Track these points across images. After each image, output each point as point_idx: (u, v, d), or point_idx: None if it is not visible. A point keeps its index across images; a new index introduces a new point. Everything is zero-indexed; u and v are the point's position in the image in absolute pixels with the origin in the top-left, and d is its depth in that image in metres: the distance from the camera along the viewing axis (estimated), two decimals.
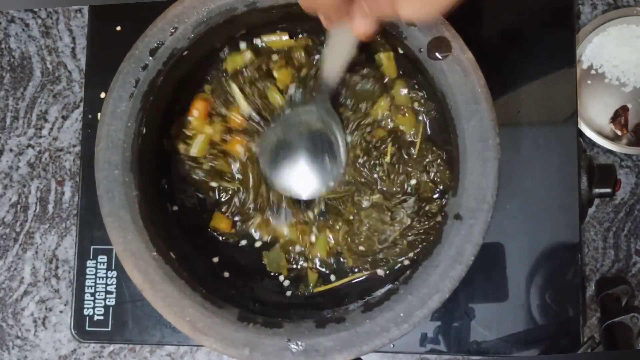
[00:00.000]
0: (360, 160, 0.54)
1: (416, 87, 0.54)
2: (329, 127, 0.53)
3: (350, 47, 0.47)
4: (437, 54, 0.47)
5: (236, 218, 0.56)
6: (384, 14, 0.39)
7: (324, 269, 0.55)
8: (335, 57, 0.49)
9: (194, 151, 0.54)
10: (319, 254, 0.55)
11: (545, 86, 0.60)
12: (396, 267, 0.54)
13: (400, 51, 0.52)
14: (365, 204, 0.54)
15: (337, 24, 0.43)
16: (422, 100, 0.54)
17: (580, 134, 0.67)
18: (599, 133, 0.67)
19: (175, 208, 0.56)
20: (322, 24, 0.43)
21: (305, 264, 0.55)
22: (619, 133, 0.67)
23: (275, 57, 0.55)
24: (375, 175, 0.54)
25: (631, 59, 0.69)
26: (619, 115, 0.67)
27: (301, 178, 0.54)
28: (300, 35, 0.56)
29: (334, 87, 0.52)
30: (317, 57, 0.55)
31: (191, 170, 0.55)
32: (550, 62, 0.60)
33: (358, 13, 0.41)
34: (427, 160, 0.53)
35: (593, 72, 0.69)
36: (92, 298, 0.60)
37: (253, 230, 0.56)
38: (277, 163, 0.54)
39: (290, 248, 0.56)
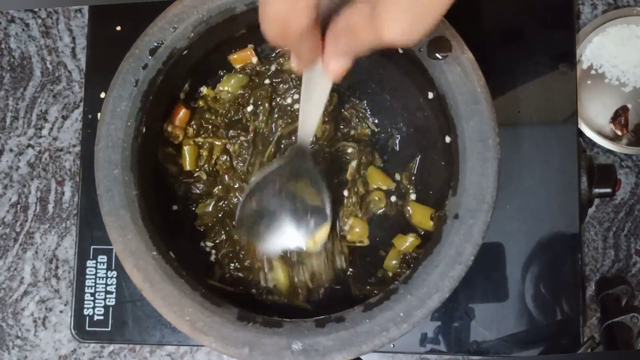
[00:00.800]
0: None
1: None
2: (312, 184, 0.51)
3: (326, 88, 0.41)
4: (436, 54, 0.48)
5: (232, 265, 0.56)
6: (364, 43, 0.33)
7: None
8: (312, 105, 0.43)
9: (187, 164, 0.55)
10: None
11: (545, 86, 0.60)
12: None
13: (400, 51, 0.52)
14: None
15: (310, 65, 0.37)
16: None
17: (580, 134, 0.67)
18: (599, 133, 0.67)
19: (175, 207, 0.57)
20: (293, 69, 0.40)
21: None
22: (619, 133, 0.67)
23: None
24: None
25: (631, 59, 0.68)
26: (619, 116, 0.67)
27: (286, 239, 0.51)
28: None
29: (312, 140, 0.50)
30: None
31: (190, 185, 0.56)
32: (550, 62, 0.60)
33: (331, 48, 0.35)
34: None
35: (593, 72, 0.69)
36: (92, 298, 0.60)
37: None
38: (259, 230, 0.52)
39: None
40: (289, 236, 0.51)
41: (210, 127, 0.56)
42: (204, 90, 0.56)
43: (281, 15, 0.33)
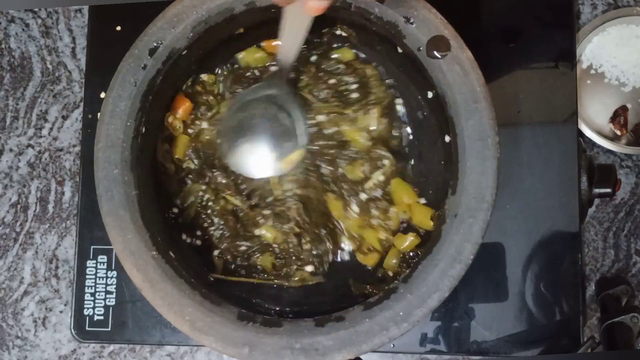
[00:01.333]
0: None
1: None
2: (288, 108, 0.53)
3: (305, 25, 0.46)
4: (436, 53, 0.48)
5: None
6: None
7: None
8: (290, 36, 0.48)
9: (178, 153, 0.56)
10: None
11: (545, 86, 0.60)
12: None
13: (399, 50, 0.52)
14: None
15: (289, 2, 0.42)
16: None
17: (580, 134, 0.67)
18: (599, 133, 0.67)
19: (175, 209, 0.57)
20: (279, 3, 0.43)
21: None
22: (619, 133, 0.67)
23: None
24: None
25: (631, 59, 0.68)
26: (619, 115, 0.67)
27: (259, 157, 0.53)
28: None
29: (291, 66, 0.52)
30: None
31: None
32: (550, 62, 0.60)
33: None
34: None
35: (593, 72, 0.69)
36: (92, 298, 0.60)
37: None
38: (236, 145, 0.54)
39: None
40: (263, 157, 0.53)
41: (205, 107, 0.56)
42: (204, 77, 0.57)
43: None
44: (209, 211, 0.56)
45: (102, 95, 0.60)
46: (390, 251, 0.54)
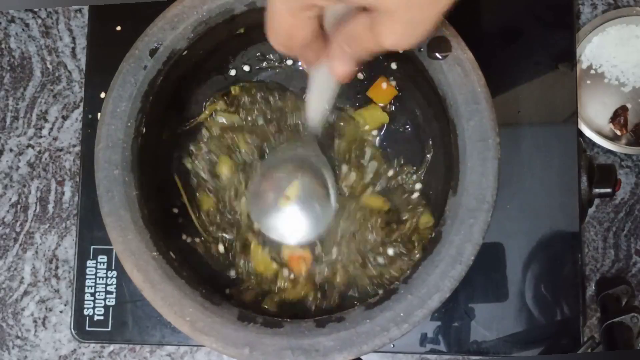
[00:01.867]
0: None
1: None
2: (318, 172, 0.52)
3: (332, 87, 0.44)
4: (436, 54, 0.48)
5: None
6: (366, 50, 0.36)
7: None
8: (318, 99, 0.46)
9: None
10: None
11: (545, 86, 0.60)
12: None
13: (400, 51, 0.52)
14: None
15: (316, 65, 0.40)
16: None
17: (580, 134, 0.67)
18: (599, 133, 0.67)
19: (175, 210, 0.57)
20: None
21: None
22: (619, 133, 0.67)
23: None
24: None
25: (631, 59, 0.68)
26: (619, 115, 0.67)
27: (291, 224, 0.52)
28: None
29: (319, 130, 0.51)
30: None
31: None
32: (550, 62, 0.60)
33: (337, 54, 0.37)
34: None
35: (592, 72, 0.69)
36: (92, 298, 0.60)
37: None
38: (266, 211, 0.52)
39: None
40: (295, 222, 0.52)
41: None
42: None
43: (285, 28, 0.35)
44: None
45: (102, 95, 0.60)
46: None
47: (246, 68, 0.58)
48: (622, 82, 0.69)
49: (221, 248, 0.55)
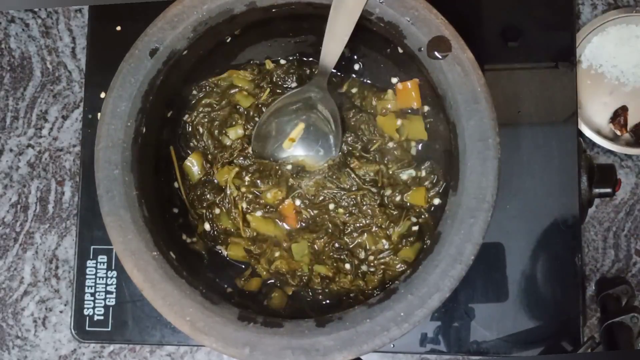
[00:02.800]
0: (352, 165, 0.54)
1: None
2: (324, 113, 0.54)
3: (349, 28, 0.47)
4: (436, 54, 0.48)
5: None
6: None
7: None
8: (333, 39, 0.49)
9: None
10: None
11: (545, 86, 0.60)
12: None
13: (400, 50, 0.52)
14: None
15: None
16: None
17: (580, 134, 0.67)
18: (598, 133, 0.67)
19: (175, 210, 0.57)
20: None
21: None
22: (619, 133, 0.67)
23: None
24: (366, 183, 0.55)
25: (630, 59, 0.68)
26: (619, 115, 0.67)
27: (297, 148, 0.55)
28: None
29: (331, 70, 0.52)
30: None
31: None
32: (550, 62, 0.60)
33: None
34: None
35: (592, 72, 0.69)
36: (92, 298, 0.60)
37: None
38: (271, 142, 0.55)
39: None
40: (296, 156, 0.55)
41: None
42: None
43: None
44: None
45: (102, 95, 0.60)
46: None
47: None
48: (622, 82, 0.69)
49: (207, 226, 0.55)
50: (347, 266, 0.54)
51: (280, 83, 0.57)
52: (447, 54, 0.47)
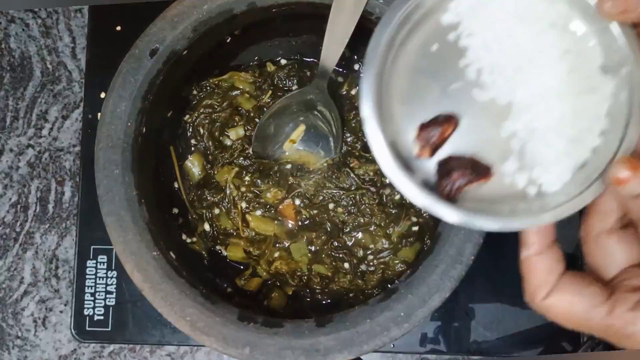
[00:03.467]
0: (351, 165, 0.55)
1: None
2: (324, 114, 0.54)
3: (349, 28, 0.47)
4: None
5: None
6: None
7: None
8: (333, 40, 0.49)
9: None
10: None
11: None
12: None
13: None
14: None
15: None
16: None
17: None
18: (393, 145, 0.68)
19: (175, 210, 0.57)
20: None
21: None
22: (417, 153, 0.67)
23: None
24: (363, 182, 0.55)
25: (517, 56, 0.68)
26: (434, 126, 0.67)
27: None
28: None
29: (331, 71, 0.52)
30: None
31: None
32: None
33: None
34: None
35: (450, 37, 0.68)
36: (92, 298, 0.60)
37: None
38: (272, 143, 0.56)
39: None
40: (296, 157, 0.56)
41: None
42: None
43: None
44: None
45: (102, 95, 0.60)
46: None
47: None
48: (483, 80, 0.67)
49: (207, 227, 0.55)
50: (346, 265, 0.54)
51: (281, 85, 0.57)
52: None
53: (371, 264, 0.54)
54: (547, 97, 0.36)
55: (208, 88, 0.57)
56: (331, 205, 0.54)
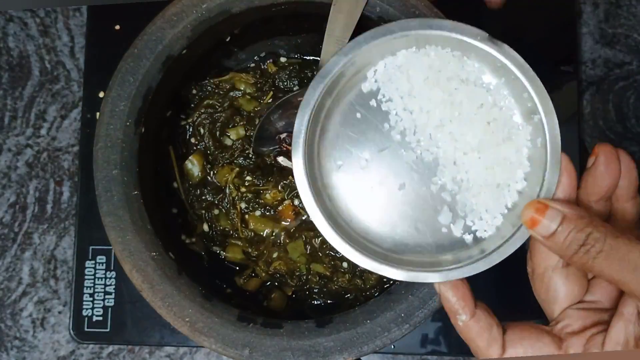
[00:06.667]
0: None
1: None
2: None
3: (349, 29, 0.47)
4: None
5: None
6: None
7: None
8: (333, 40, 0.49)
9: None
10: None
11: (546, 87, 0.60)
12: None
13: None
14: None
15: None
16: None
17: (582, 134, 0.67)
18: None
19: (174, 210, 0.56)
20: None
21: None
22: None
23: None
24: None
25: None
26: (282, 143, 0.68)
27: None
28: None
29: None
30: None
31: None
32: (552, 63, 0.60)
33: None
34: None
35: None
36: (91, 299, 0.60)
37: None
38: (272, 143, 0.55)
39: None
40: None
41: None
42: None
43: None
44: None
45: (101, 94, 0.60)
46: None
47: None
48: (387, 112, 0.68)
49: (206, 227, 0.55)
50: (345, 264, 0.54)
51: (282, 87, 0.57)
52: None
53: None
54: (469, 150, 0.39)
55: (208, 88, 0.57)
56: None
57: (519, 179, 0.39)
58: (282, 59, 0.58)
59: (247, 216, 0.55)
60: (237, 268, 0.56)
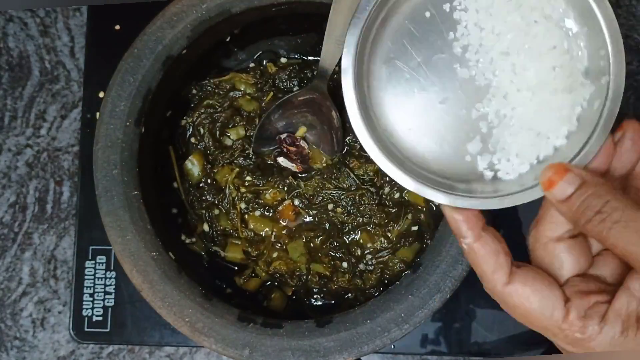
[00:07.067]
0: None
1: None
2: (325, 114, 0.54)
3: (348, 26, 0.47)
4: None
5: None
6: None
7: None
8: (333, 40, 0.49)
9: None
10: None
11: None
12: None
13: None
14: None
15: None
16: None
17: None
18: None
19: (174, 210, 0.56)
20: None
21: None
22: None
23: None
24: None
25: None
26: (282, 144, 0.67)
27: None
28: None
29: (331, 72, 0.52)
30: None
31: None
32: None
33: None
34: None
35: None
36: (91, 299, 0.60)
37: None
38: (273, 143, 0.55)
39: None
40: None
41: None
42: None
43: None
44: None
45: (101, 94, 0.60)
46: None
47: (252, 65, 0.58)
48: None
49: (206, 227, 0.55)
50: (345, 264, 0.54)
51: (282, 87, 0.56)
52: None
53: (370, 263, 0.54)
54: (524, 88, 0.36)
55: (208, 88, 0.57)
56: (330, 206, 0.54)
57: (561, 134, 0.36)
58: (282, 59, 0.58)
59: (247, 216, 0.55)
60: (237, 268, 0.56)
